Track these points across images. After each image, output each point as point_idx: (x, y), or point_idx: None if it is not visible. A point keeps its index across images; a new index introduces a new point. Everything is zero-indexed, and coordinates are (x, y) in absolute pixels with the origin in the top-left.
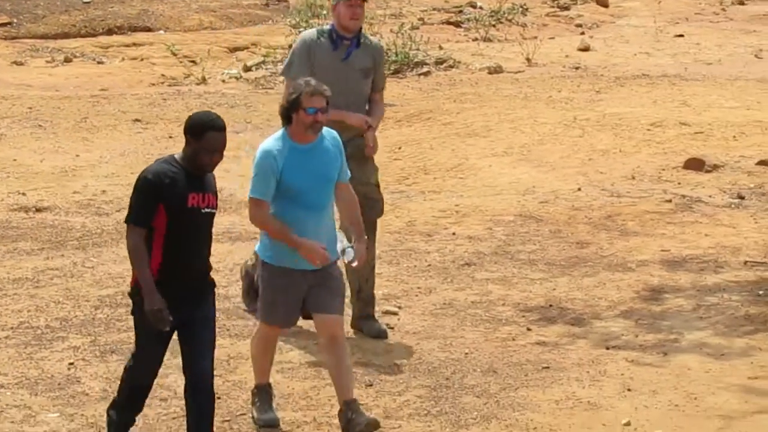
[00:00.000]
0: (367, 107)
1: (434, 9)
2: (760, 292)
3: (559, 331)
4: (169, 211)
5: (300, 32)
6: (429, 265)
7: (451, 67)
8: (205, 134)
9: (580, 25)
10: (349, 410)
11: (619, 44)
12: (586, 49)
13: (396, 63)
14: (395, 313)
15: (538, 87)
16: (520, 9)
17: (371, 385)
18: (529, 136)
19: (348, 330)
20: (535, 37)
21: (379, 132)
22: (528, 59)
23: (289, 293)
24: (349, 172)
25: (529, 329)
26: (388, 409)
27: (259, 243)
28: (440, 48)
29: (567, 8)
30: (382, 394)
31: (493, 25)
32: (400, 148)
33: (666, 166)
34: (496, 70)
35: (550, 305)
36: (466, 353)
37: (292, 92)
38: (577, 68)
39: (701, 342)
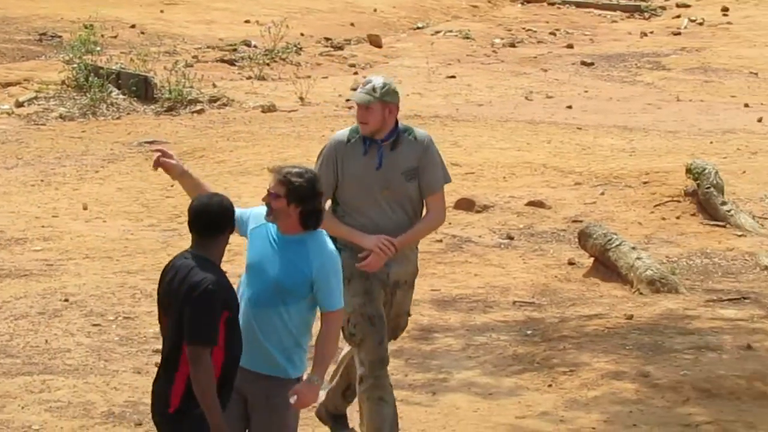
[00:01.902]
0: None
1: (208, 47)
2: (528, 332)
3: (329, 370)
4: (228, 322)
5: (74, 68)
6: None
7: (225, 105)
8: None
9: (353, 65)
10: None
11: None
12: None
13: (169, 100)
14: None
15: (312, 126)
16: (294, 48)
17: (140, 424)
18: None
19: None
20: (309, 76)
21: (154, 171)
22: (301, 98)
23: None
24: (336, 301)
25: None
26: None
27: None
28: (214, 86)
29: (341, 48)
30: None
31: (267, 64)
32: (172, 185)
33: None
34: (269, 109)
35: None
36: None
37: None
38: (350, 108)
39: (470, 381)
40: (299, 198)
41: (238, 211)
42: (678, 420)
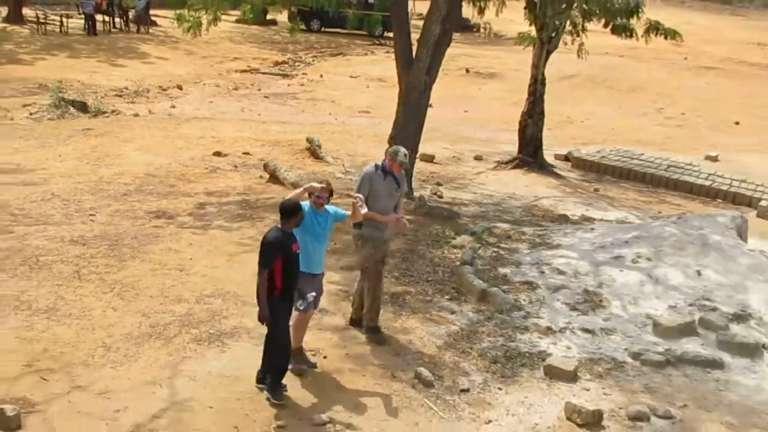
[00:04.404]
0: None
1: (110, 89)
2: (243, 205)
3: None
4: (282, 257)
5: (54, 98)
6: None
7: (118, 113)
8: (296, 212)
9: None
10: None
11: None
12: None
13: (93, 112)
14: None
15: (163, 123)
16: (143, 90)
17: None
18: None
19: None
20: (153, 102)
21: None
22: (149, 111)
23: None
24: (342, 213)
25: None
26: None
27: None
28: (113, 106)
29: (165, 90)
30: None
31: (135, 95)
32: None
33: (205, 154)
34: (136, 114)
35: (160, 211)
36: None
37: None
38: (171, 114)
39: (220, 225)
40: (331, 196)
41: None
42: None
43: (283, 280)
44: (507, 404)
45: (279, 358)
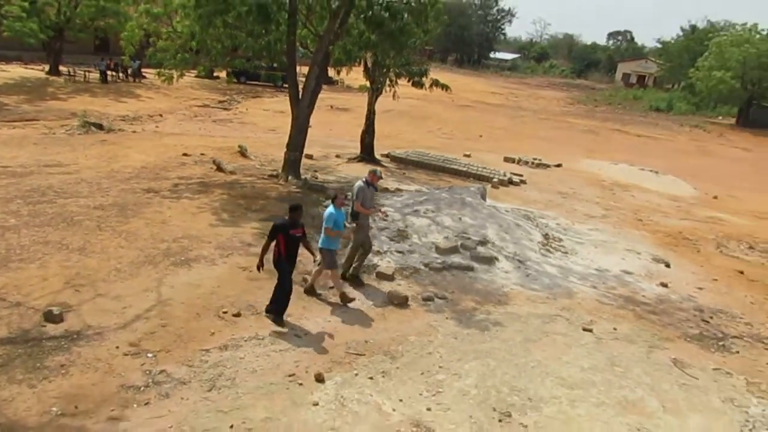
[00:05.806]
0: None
1: (117, 116)
2: (206, 183)
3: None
4: (284, 237)
5: (81, 120)
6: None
7: (122, 130)
8: (298, 210)
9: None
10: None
11: None
12: None
13: (108, 129)
14: None
15: (148, 136)
16: (135, 118)
17: None
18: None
19: None
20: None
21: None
22: (143, 129)
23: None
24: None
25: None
26: None
27: (321, 242)
28: (120, 126)
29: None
30: None
31: (133, 119)
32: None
33: (177, 155)
34: (135, 132)
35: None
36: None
37: (335, 194)
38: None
39: (186, 196)
40: (348, 199)
41: (328, 211)
42: None
43: (285, 250)
44: (357, 295)
45: (281, 299)
